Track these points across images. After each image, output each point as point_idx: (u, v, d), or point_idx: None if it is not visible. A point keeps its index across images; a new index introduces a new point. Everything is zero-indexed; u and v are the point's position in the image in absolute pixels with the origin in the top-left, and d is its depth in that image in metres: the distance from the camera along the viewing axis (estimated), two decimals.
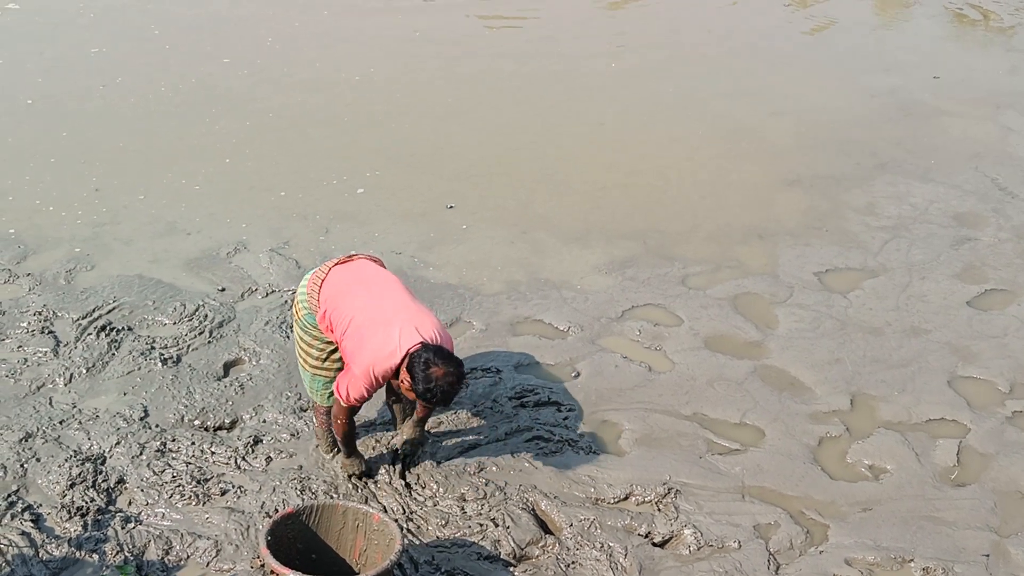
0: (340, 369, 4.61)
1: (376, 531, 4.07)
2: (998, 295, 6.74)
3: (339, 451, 4.86)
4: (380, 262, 4.73)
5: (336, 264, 4.59)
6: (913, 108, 9.68)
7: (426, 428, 5.07)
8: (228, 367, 5.61)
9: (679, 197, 7.82)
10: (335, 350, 4.59)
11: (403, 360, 4.24)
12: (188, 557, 4.37)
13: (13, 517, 4.45)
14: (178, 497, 4.65)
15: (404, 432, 4.89)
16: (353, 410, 4.51)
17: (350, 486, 4.74)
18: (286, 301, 6.18)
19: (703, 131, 8.95)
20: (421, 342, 4.24)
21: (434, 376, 4.17)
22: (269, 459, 4.93)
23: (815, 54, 11.15)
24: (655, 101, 9.56)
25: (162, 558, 4.34)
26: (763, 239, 7.26)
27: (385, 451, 4.97)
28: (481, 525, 4.60)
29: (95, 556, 4.30)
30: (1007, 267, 7.03)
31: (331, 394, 4.65)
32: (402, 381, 4.28)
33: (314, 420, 4.94)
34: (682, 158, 8.47)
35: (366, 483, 4.77)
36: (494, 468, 4.95)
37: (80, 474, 4.71)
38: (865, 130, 9.14)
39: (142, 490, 4.68)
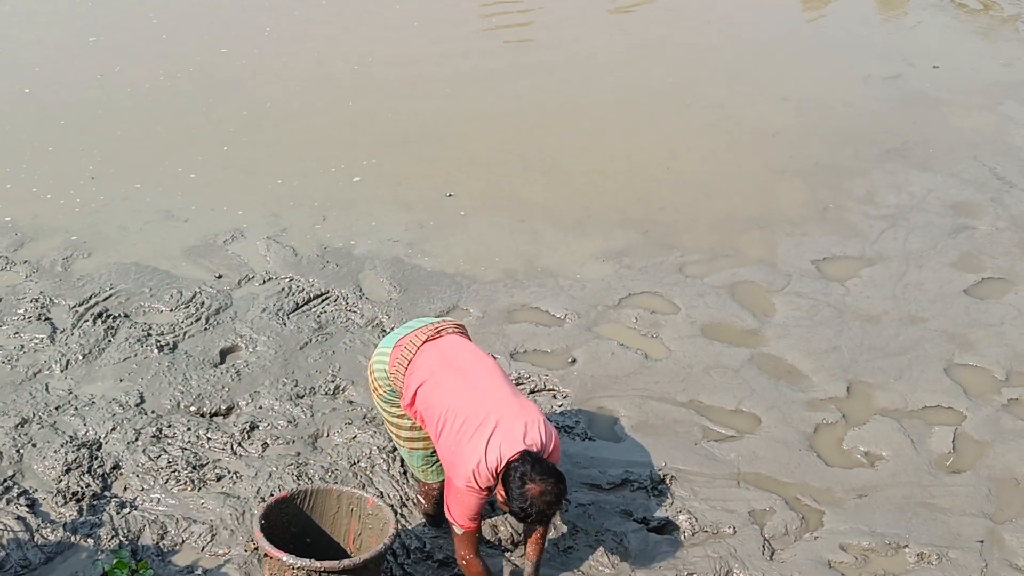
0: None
1: (370, 515, 4.07)
2: (995, 284, 6.74)
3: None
4: (465, 332, 4.28)
5: (425, 341, 4.09)
6: (913, 98, 9.65)
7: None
8: (224, 354, 5.60)
9: (677, 186, 7.81)
10: None
11: (503, 469, 3.82)
12: (183, 542, 4.37)
13: (9, 502, 4.45)
14: (173, 482, 4.66)
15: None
16: (474, 538, 3.97)
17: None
18: (283, 288, 6.17)
19: (702, 121, 8.93)
20: (521, 451, 3.80)
21: (529, 494, 3.73)
22: (265, 445, 4.93)
23: (815, 44, 11.12)
24: (655, 91, 9.53)
25: (157, 543, 4.34)
26: (762, 228, 7.25)
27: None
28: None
29: (90, 541, 4.31)
30: (1004, 256, 7.03)
31: (435, 468, 4.28)
32: (498, 493, 3.88)
33: (421, 502, 4.48)
34: (680, 147, 8.46)
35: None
36: None
37: (76, 459, 4.71)
38: (864, 119, 9.12)
39: (137, 475, 4.68)
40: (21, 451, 4.77)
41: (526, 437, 3.84)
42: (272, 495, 4.52)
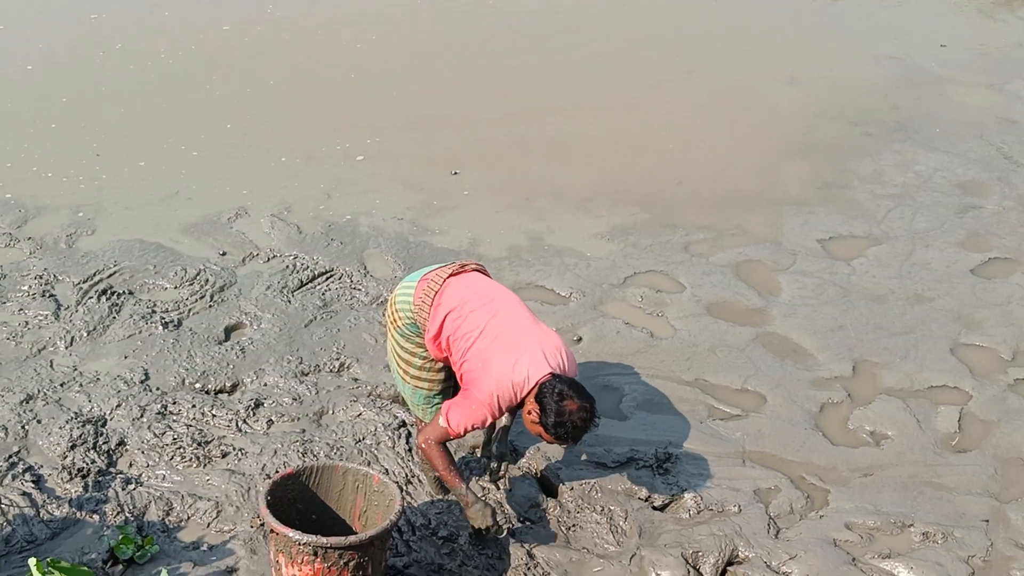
0: (445, 380, 4.30)
1: (376, 492, 4.06)
2: (1001, 263, 6.71)
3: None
4: (486, 271, 4.37)
5: (450, 276, 4.19)
6: (920, 77, 9.61)
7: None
8: (229, 331, 5.60)
9: (683, 164, 7.78)
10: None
11: (532, 390, 3.95)
12: (189, 518, 4.37)
13: (14, 478, 4.45)
14: (179, 459, 4.66)
15: (494, 448, 4.62)
16: (448, 438, 4.06)
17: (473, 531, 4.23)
18: (287, 266, 6.16)
19: (708, 99, 8.89)
20: (551, 372, 3.96)
21: (567, 409, 3.89)
22: (270, 422, 4.93)
23: (822, 22, 11.06)
24: (660, 69, 9.49)
25: (163, 519, 4.34)
26: (767, 206, 7.23)
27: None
28: (483, 488, 4.60)
29: (96, 517, 4.31)
30: (1011, 235, 7.00)
31: (435, 408, 4.33)
32: (528, 412, 3.98)
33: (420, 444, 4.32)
34: (687, 126, 8.42)
35: (490, 529, 4.16)
36: None
37: (81, 436, 4.71)
38: (871, 98, 9.08)
39: (143, 452, 4.68)
40: (26, 427, 4.77)
41: (550, 360, 3.99)
42: (277, 472, 4.52)
